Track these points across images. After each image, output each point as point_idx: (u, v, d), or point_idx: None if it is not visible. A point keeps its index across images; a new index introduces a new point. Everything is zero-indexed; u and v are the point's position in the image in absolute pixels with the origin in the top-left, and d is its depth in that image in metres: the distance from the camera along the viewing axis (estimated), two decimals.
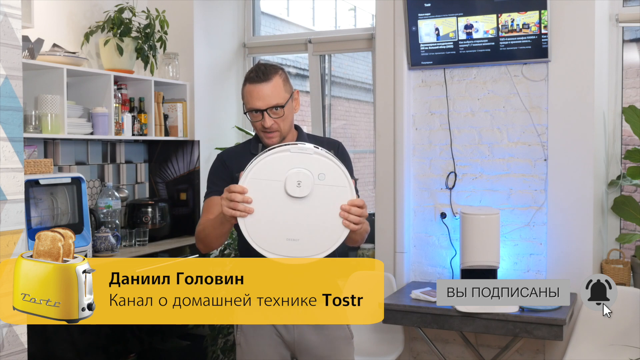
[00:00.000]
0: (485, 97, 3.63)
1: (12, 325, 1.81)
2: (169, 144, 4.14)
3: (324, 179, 1.91)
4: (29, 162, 3.13)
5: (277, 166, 1.90)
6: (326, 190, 1.91)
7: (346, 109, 4.92)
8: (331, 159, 1.92)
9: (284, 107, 2.20)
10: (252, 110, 2.21)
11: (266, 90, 2.19)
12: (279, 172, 1.89)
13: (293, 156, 1.90)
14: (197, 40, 4.18)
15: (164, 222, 3.97)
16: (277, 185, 1.90)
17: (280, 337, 2.29)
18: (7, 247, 1.80)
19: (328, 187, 1.91)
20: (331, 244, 1.94)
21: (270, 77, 2.21)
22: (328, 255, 1.96)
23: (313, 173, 1.90)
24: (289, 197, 1.90)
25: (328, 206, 1.92)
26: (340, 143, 2.37)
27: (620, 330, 3.24)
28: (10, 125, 1.80)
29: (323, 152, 1.92)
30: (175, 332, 3.75)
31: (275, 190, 1.90)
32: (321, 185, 1.91)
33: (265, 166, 1.90)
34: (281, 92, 2.22)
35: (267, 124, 2.19)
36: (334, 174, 1.92)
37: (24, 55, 3.15)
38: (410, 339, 3.76)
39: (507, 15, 3.43)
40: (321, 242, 1.94)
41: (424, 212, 3.78)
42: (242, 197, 1.89)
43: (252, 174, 1.91)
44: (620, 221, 3.63)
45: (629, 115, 3.32)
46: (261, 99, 2.19)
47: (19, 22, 1.85)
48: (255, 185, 1.90)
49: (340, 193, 1.92)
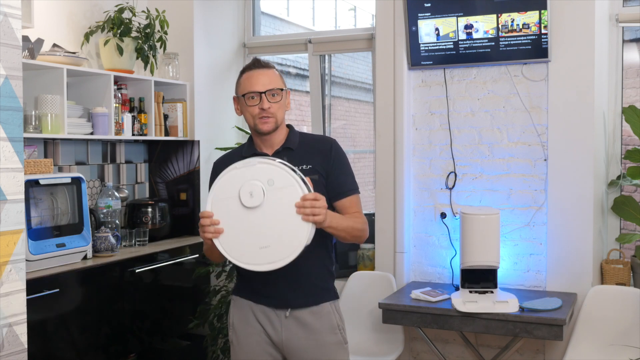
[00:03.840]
0: (485, 97, 3.63)
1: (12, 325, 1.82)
2: (169, 144, 4.14)
3: (274, 184, 2.05)
4: (29, 162, 3.13)
5: (231, 184, 2.06)
6: (278, 194, 2.04)
7: (346, 109, 4.92)
8: (275, 165, 2.05)
9: (282, 90, 2.28)
10: (249, 94, 2.26)
11: (265, 75, 2.27)
12: (234, 189, 2.06)
13: (241, 171, 2.06)
14: (197, 40, 4.18)
15: (164, 222, 3.97)
16: (235, 201, 2.05)
17: (268, 336, 2.29)
18: (7, 247, 1.80)
19: (279, 190, 2.04)
20: (300, 241, 2.05)
21: (269, 67, 2.31)
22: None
23: (262, 181, 2.04)
24: (247, 209, 2.04)
25: (285, 207, 2.04)
26: (335, 141, 2.37)
27: (620, 330, 3.24)
28: (10, 125, 1.80)
29: (266, 160, 2.07)
30: (175, 332, 3.75)
31: (235, 206, 2.06)
32: (272, 190, 2.04)
33: (222, 186, 2.08)
34: (279, 81, 2.30)
35: (265, 105, 2.24)
36: (281, 176, 2.05)
37: (24, 55, 3.15)
38: (410, 339, 3.76)
39: (507, 15, 3.43)
40: (289, 242, 2.05)
41: (424, 212, 3.78)
42: (210, 220, 2.06)
43: (214, 197, 2.09)
44: (620, 221, 3.63)
45: (629, 115, 3.32)
46: (260, 82, 2.26)
47: (19, 22, 1.85)
48: (218, 206, 2.08)
49: (291, 192, 2.05)
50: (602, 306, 3.31)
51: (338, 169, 2.31)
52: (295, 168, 2.07)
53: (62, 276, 3.04)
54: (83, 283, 3.16)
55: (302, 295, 2.27)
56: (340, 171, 2.31)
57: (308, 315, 2.27)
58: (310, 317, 2.27)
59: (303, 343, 2.26)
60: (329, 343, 2.28)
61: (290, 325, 2.26)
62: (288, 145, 2.31)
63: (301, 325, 2.26)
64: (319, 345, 2.26)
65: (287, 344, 2.27)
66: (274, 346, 2.30)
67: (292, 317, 2.26)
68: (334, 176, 2.29)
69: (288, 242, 2.05)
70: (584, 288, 3.40)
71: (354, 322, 3.70)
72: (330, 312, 2.31)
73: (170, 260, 3.69)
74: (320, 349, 2.26)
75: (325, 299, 2.31)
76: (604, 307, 3.31)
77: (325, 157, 2.30)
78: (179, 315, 3.75)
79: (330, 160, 2.30)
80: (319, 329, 2.27)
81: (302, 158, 2.28)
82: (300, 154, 2.29)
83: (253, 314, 2.29)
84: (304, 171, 2.21)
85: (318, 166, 2.28)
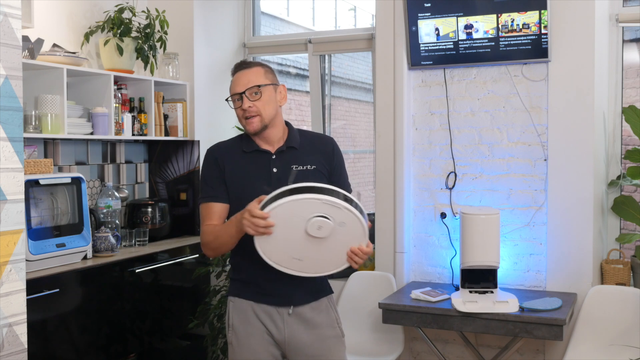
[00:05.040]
0: (485, 97, 3.63)
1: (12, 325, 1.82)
2: (169, 144, 4.14)
3: (344, 227, 2.04)
4: (29, 162, 3.13)
5: (304, 209, 2.01)
6: (343, 235, 2.05)
7: (346, 109, 4.92)
8: (356, 215, 2.03)
9: (260, 87, 2.25)
10: (233, 97, 2.28)
11: (245, 75, 2.28)
12: (304, 214, 2.01)
13: (321, 205, 2.00)
14: (197, 40, 4.18)
15: (164, 222, 3.97)
16: (300, 223, 2.02)
17: (271, 336, 2.30)
18: (7, 247, 1.80)
19: (345, 233, 2.05)
20: (330, 269, 2.15)
21: (251, 66, 2.31)
22: None
23: (335, 221, 2.02)
24: (306, 233, 2.03)
25: (339, 244, 2.08)
26: (334, 140, 2.42)
27: (620, 330, 3.24)
28: (10, 125, 1.81)
29: (351, 208, 2.02)
30: (175, 332, 3.75)
31: (296, 226, 2.03)
32: (339, 229, 2.04)
33: (293, 206, 2.00)
34: (260, 77, 2.28)
35: (245, 105, 2.24)
36: (355, 225, 2.05)
37: (24, 55, 3.15)
38: (410, 339, 3.76)
39: (507, 15, 3.43)
40: (321, 266, 2.14)
41: (424, 212, 3.78)
42: (266, 223, 2.00)
43: (280, 210, 2.00)
44: (620, 221, 3.63)
45: (629, 115, 3.32)
46: (240, 83, 2.27)
47: (19, 22, 1.85)
48: (279, 215, 2.01)
49: (354, 238, 2.07)
50: (602, 306, 3.31)
51: (338, 170, 2.37)
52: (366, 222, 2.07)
53: (62, 276, 3.04)
54: (83, 283, 3.16)
55: (303, 292, 2.31)
56: (340, 172, 2.37)
57: (309, 311, 2.31)
58: (311, 312, 2.31)
59: (305, 339, 2.29)
60: (329, 337, 2.32)
61: (292, 322, 2.29)
62: (292, 145, 2.33)
63: (303, 322, 2.30)
64: (320, 340, 2.30)
65: (290, 341, 2.29)
66: (276, 344, 2.31)
67: (295, 314, 2.29)
68: (335, 177, 2.34)
69: (320, 265, 2.14)
70: (584, 288, 3.40)
71: (354, 322, 3.70)
72: (329, 306, 2.36)
73: (170, 260, 3.69)
74: (321, 343, 2.30)
75: (323, 294, 2.36)
76: (604, 307, 3.31)
77: (327, 158, 2.35)
78: (179, 315, 3.75)
79: (333, 161, 2.36)
80: (320, 324, 2.31)
81: (306, 158, 2.31)
82: (304, 154, 2.32)
83: (255, 313, 2.29)
84: (308, 172, 2.27)
85: (321, 166, 2.32)
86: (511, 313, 3.10)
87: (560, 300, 3.21)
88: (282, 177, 2.27)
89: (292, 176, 2.26)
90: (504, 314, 3.10)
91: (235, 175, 2.30)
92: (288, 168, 2.29)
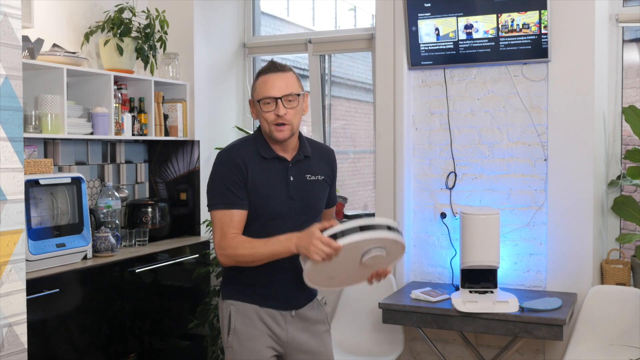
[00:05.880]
0: (485, 97, 3.63)
1: (12, 325, 1.82)
2: (169, 144, 4.14)
3: (389, 256, 2.12)
4: (29, 162, 3.13)
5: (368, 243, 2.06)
6: (382, 261, 2.13)
7: (346, 109, 4.92)
8: (404, 247, 2.13)
9: (299, 96, 2.23)
10: (265, 99, 2.20)
11: (282, 80, 2.21)
12: (366, 247, 2.07)
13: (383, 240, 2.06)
14: (197, 40, 4.18)
15: (164, 222, 3.96)
16: (359, 253, 2.08)
17: (274, 337, 2.31)
18: (7, 247, 1.80)
19: (387, 261, 2.14)
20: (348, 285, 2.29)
21: (286, 70, 2.25)
22: None
23: (387, 252, 2.09)
24: (359, 262, 2.09)
25: (373, 269, 2.17)
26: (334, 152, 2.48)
27: (620, 330, 3.25)
28: (10, 125, 1.81)
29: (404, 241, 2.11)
30: (175, 332, 3.75)
31: (354, 255, 2.08)
32: (385, 258, 2.12)
33: (365, 239, 2.03)
34: (297, 85, 2.25)
35: (281, 112, 2.19)
36: (397, 255, 2.15)
37: (24, 55, 3.15)
38: (410, 339, 3.76)
39: (507, 15, 3.43)
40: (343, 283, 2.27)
41: (424, 212, 3.78)
42: (335, 254, 2.02)
43: (354, 245, 2.03)
44: (620, 221, 3.63)
45: (629, 115, 3.32)
46: (277, 87, 2.20)
47: (19, 22, 1.85)
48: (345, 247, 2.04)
49: (387, 263, 2.17)
50: (602, 306, 3.31)
51: (334, 180, 2.46)
52: None
53: (62, 276, 3.04)
54: (83, 283, 3.16)
55: (304, 295, 2.37)
56: (334, 183, 2.46)
57: (308, 311, 2.37)
58: (310, 312, 2.38)
59: (304, 336, 2.35)
60: (322, 332, 2.41)
61: (294, 322, 2.34)
62: (306, 154, 2.33)
63: (302, 321, 2.35)
64: (316, 336, 2.38)
65: (292, 340, 2.33)
66: (278, 345, 2.33)
67: (296, 315, 2.35)
68: (332, 188, 2.45)
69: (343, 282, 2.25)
70: (584, 288, 3.40)
71: (354, 322, 3.70)
72: (319, 304, 2.45)
73: (170, 260, 3.69)
74: (317, 339, 2.37)
75: (315, 293, 2.43)
76: (604, 307, 3.31)
77: (330, 168, 2.42)
78: (179, 315, 3.75)
79: (334, 172, 2.44)
80: (316, 321, 2.39)
81: (317, 168, 2.36)
82: (315, 164, 2.36)
83: (259, 317, 2.29)
84: (318, 182, 2.33)
85: (326, 176, 2.39)
86: (511, 313, 3.10)
87: (560, 300, 3.21)
88: (298, 186, 2.28)
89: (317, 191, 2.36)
90: (504, 314, 3.10)
91: (258, 181, 2.23)
92: (303, 177, 2.30)
